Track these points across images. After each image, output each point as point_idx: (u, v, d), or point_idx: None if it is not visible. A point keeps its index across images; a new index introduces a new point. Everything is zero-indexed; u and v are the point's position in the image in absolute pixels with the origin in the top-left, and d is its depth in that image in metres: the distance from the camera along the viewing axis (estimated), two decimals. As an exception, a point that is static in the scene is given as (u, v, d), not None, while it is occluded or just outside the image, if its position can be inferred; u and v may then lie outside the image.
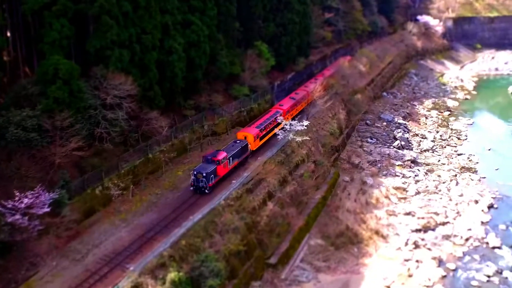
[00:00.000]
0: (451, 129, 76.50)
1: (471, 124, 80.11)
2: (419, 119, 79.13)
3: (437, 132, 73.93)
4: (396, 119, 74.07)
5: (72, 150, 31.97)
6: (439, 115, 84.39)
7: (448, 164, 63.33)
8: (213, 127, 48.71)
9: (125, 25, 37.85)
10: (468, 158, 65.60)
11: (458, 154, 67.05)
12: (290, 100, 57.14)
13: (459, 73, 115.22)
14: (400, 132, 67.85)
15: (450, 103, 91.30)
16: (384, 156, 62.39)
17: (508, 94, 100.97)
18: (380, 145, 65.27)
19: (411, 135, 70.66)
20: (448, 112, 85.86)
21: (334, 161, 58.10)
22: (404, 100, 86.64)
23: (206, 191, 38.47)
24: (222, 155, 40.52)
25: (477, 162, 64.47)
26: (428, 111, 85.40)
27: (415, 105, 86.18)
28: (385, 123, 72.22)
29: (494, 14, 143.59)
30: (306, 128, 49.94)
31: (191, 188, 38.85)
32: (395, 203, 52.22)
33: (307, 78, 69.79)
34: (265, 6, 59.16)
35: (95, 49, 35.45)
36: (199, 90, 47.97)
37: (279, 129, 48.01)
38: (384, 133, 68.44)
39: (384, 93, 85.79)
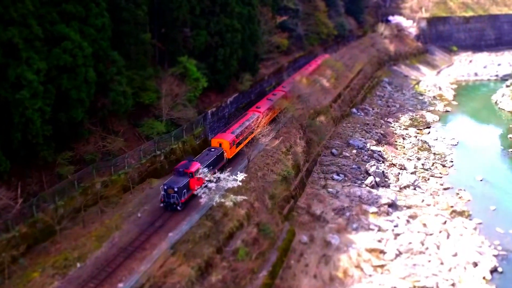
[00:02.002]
0: (434, 153, 63.07)
1: (455, 145, 67.00)
2: (396, 142, 65.40)
3: (418, 159, 60.28)
4: (368, 145, 60.02)
5: None
6: (418, 133, 71.14)
7: (434, 205, 49.65)
8: (109, 186, 33.35)
9: None
10: (458, 194, 52.18)
11: (445, 189, 53.58)
12: (267, 102, 51.83)
13: (436, 80, 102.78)
14: (374, 164, 53.69)
15: (429, 117, 78.29)
16: (354, 199, 48.10)
17: (492, 104, 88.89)
18: (349, 183, 50.96)
19: (387, 166, 56.69)
20: (428, 130, 72.75)
21: (289, 212, 43.52)
22: (377, 117, 72.88)
23: (178, 207, 33.53)
24: (195, 166, 35.19)
25: (469, 200, 51.13)
26: (406, 129, 71.97)
27: (390, 123, 72.55)
28: (355, 151, 58.02)
29: (470, 13, 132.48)
30: (244, 178, 35.31)
31: (161, 205, 33.73)
32: (370, 275, 37.99)
33: (256, 98, 55.14)
34: (193, 8, 43.99)
35: None
36: (83, 135, 32.53)
37: (202, 187, 33.16)
38: (354, 166, 54.22)
39: (354, 110, 71.78)
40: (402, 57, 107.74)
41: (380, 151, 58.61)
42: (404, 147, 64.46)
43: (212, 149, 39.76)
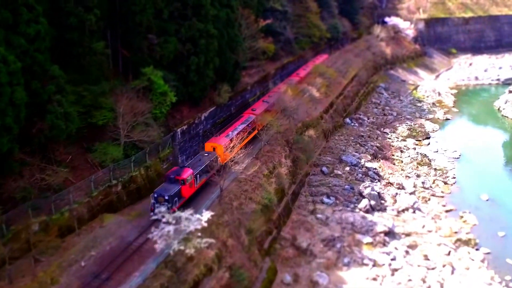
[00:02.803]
0: (435, 168, 57.24)
1: (457, 158, 61.33)
2: (393, 156, 59.58)
3: (418, 176, 54.38)
4: (362, 161, 54.10)
5: None
6: (417, 145, 65.44)
7: (436, 231, 43.96)
8: (49, 227, 27.42)
9: None
10: (462, 217, 46.51)
11: (448, 211, 47.89)
12: (263, 104, 49.76)
13: (435, 84, 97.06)
14: (368, 186, 47.81)
15: (429, 126, 72.58)
16: (347, 227, 42.24)
17: (494, 111, 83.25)
18: (340, 208, 45.06)
19: (384, 185, 50.80)
20: (428, 141, 67.03)
21: (271, 245, 37.63)
22: (372, 128, 67.00)
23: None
24: (187, 172, 33.45)
25: (475, 225, 45.49)
26: (404, 140, 66.19)
27: (387, 134, 66.75)
28: (348, 168, 52.10)
29: (469, 14, 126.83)
30: (211, 217, 29.37)
31: (151, 214, 30.53)
32: (363, 325, 32.29)
33: (237, 111, 49.27)
34: (160, 12, 38.03)
35: None
36: (13, 168, 26.57)
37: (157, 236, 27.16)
38: (346, 186, 48.32)
39: (347, 120, 65.91)
40: (399, 61, 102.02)
41: (375, 168, 52.69)
42: (402, 161, 58.63)
43: (206, 154, 37.69)
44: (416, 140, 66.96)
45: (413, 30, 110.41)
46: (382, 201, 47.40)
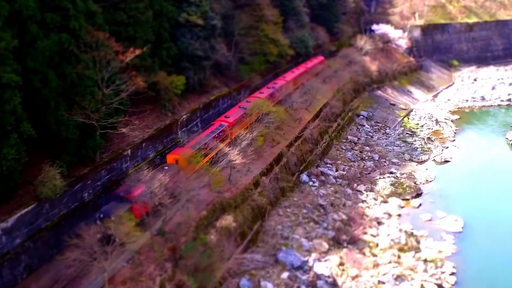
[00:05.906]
0: (425, 259, 37.76)
1: (459, 232, 42.18)
2: (364, 236, 40.03)
3: (397, 278, 34.88)
4: (311, 259, 34.32)
5: None
6: (403, 207, 46.24)
7: None
8: None
9: None
10: None
11: None
12: (239, 110, 44.42)
13: (432, 108, 77.43)
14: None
15: (421, 175, 53.08)
16: None
17: (508, 145, 63.67)
18: None
19: (341, 306, 31.43)
20: (418, 200, 47.71)
21: None
22: (341, 185, 47.34)
23: (117, 240, 26.24)
24: (139, 189, 29.05)
25: None
26: (385, 201, 46.76)
27: (361, 193, 47.06)
28: (285, 276, 32.41)
29: (473, 19, 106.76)
30: None
31: (98, 236, 26.55)
32: None
33: (96, 197, 29.94)
34: None
35: None
36: None
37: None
38: (275, 318, 28.97)
39: (304, 177, 46.08)
40: (388, 78, 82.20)
41: (329, 276, 33.11)
42: (377, 245, 39.12)
43: (166, 167, 33.76)
44: (403, 199, 47.67)
45: (406, 39, 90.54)
46: None
